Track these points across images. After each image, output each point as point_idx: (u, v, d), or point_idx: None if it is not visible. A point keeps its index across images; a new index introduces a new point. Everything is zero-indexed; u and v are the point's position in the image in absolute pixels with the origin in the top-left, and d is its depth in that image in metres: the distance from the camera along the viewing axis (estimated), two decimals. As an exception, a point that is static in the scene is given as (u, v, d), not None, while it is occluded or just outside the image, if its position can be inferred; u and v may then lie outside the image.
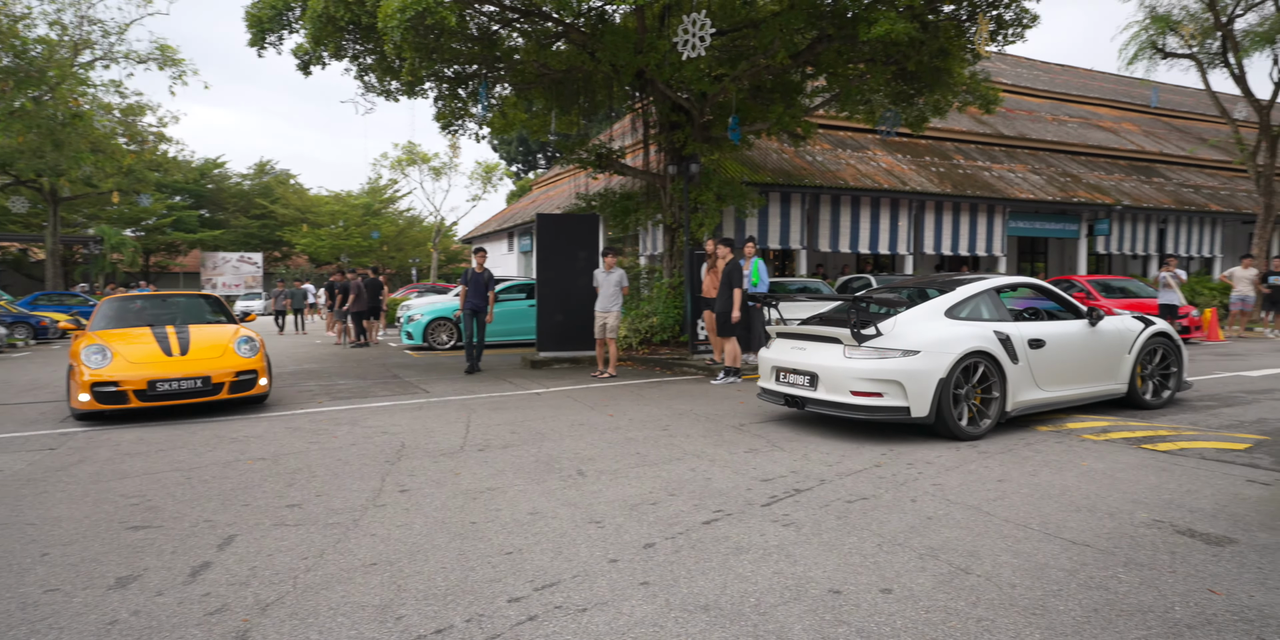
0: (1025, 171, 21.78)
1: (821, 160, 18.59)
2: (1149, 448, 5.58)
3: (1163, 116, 30.01)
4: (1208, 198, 23.64)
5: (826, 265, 21.26)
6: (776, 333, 6.95)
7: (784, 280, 14.28)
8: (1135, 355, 7.12)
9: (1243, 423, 6.45)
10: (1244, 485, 4.58)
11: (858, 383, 5.84)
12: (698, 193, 12.38)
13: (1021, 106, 26.42)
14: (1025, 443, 5.78)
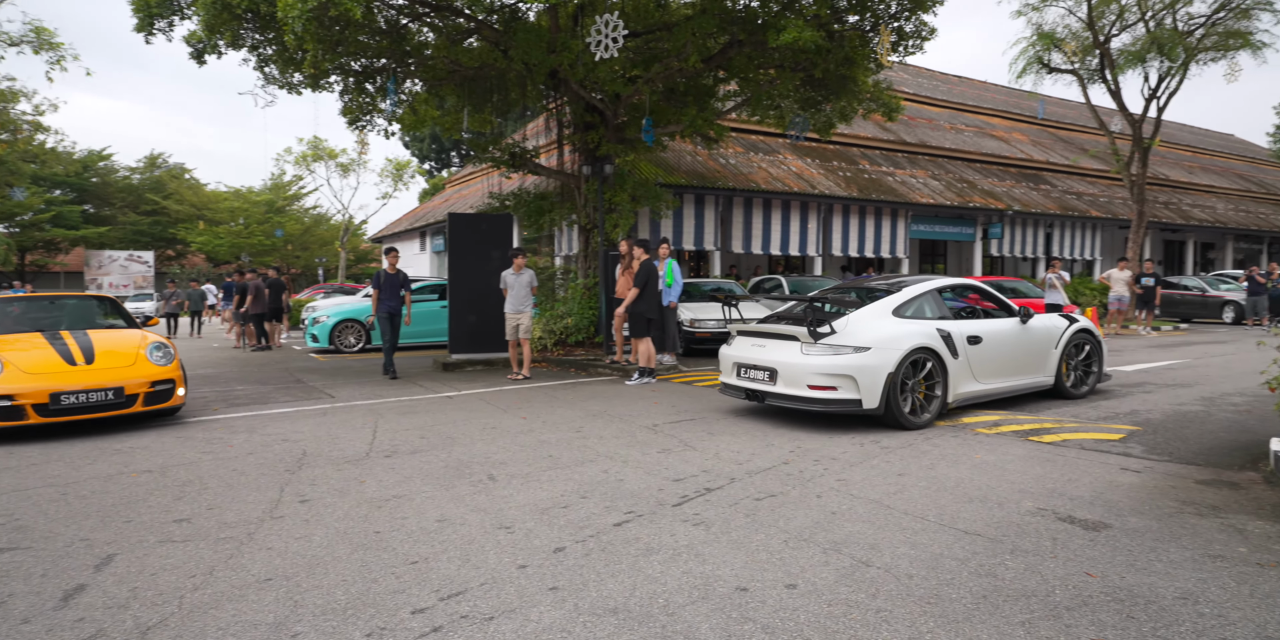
0: (926, 177, 22.73)
1: (734, 163, 18.88)
2: (1035, 440, 5.89)
3: (1049, 128, 31.91)
4: (1089, 204, 25.27)
5: (740, 266, 21.61)
6: (737, 331, 7.23)
7: (698, 281, 14.39)
8: (1061, 350, 7.68)
9: (1118, 414, 6.90)
10: (1118, 473, 4.90)
11: (814, 377, 6.23)
12: (612, 193, 12.38)
13: (922, 115, 27.57)
14: (924, 437, 6.02)
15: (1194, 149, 36.80)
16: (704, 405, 7.64)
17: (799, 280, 15.48)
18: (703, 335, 11.92)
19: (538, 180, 15.46)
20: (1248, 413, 6.93)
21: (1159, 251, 29.58)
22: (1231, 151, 39.90)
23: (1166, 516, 3.99)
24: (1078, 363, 7.90)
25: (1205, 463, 5.15)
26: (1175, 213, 27.19)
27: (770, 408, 7.36)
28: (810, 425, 6.53)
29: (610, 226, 12.34)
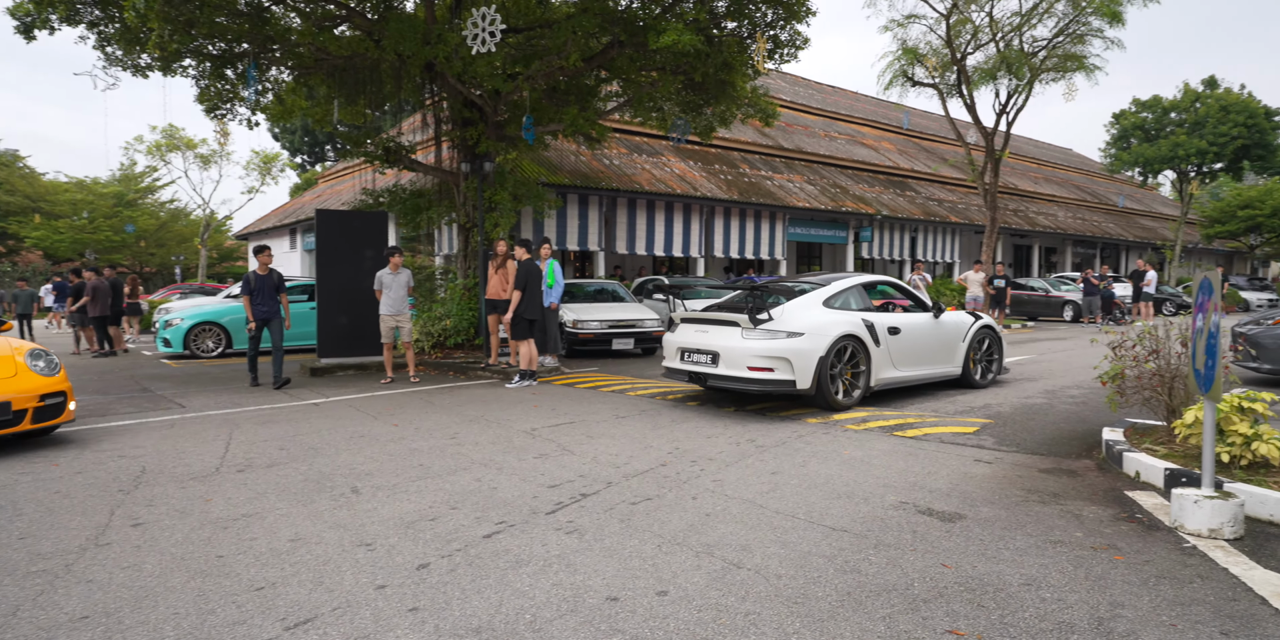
0: (802, 182, 23.55)
1: (618, 164, 18.89)
2: (900, 435, 6.15)
3: (914, 138, 33.86)
4: (949, 210, 26.96)
5: (624, 266, 21.67)
6: (681, 319, 7.72)
7: (582, 282, 14.27)
8: (968, 343, 8.42)
9: (973, 409, 7.33)
10: (972, 465, 5.17)
11: (753, 359, 6.78)
12: (492, 192, 12.09)
13: (799, 122, 28.58)
14: (798, 435, 6.16)
15: (1039, 161, 40.05)
16: (585, 408, 7.55)
17: (682, 281, 15.63)
18: (586, 336, 11.83)
19: (415, 177, 14.91)
20: (1084, 404, 7.51)
21: (1009, 255, 31.97)
22: (1070, 164, 43.71)
23: (1014, 505, 4.23)
24: (981, 355, 8.65)
25: (1048, 452, 5.52)
26: (1023, 220, 29.45)
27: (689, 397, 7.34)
28: (690, 426, 6.56)
29: (490, 226, 12.04)
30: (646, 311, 12.60)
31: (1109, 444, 5.19)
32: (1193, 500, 3.66)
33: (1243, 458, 4.25)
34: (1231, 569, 3.29)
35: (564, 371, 10.28)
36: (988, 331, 8.71)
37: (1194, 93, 28.73)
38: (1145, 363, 5.31)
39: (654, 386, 8.93)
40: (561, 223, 16.98)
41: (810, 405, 7.12)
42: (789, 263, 24.58)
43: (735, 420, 6.81)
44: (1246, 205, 32.58)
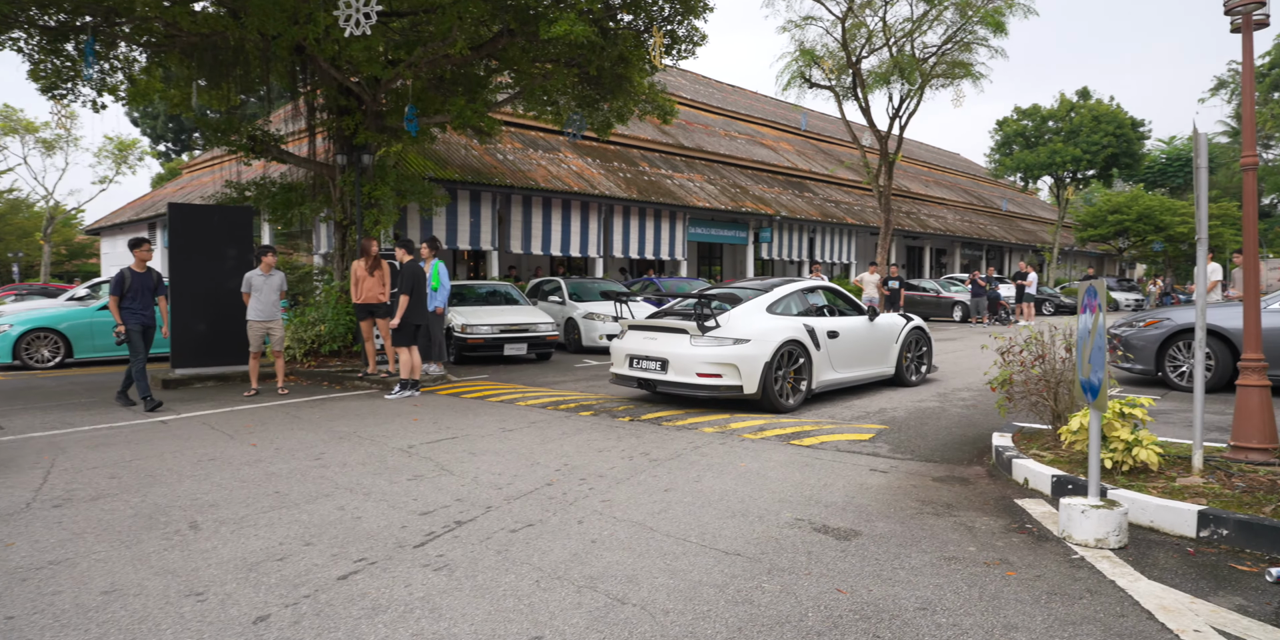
0: (702, 181, 23.73)
1: (513, 159, 18.48)
2: (796, 443, 6.12)
3: (811, 139, 34.83)
4: (845, 212, 27.83)
5: (520, 267, 21.25)
6: (629, 326, 8.04)
7: (472, 283, 13.88)
8: (900, 344, 9.04)
9: (868, 413, 7.42)
10: (868, 475, 5.16)
11: (702, 366, 7.20)
12: (372, 187, 11.48)
13: (699, 120, 28.83)
14: (694, 446, 6.03)
15: (929, 165, 42.04)
16: (470, 421, 7.20)
17: (579, 282, 15.43)
18: (475, 342, 11.44)
19: (286, 169, 14.03)
20: (974, 408, 7.74)
21: (902, 256, 33.35)
22: (958, 168, 46.12)
23: (908, 519, 4.20)
24: (913, 356, 9.27)
25: (941, 459, 5.59)
26: (915, 222, 30.77)
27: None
28: (582, 439, 6.33)
29: (370, 223, 11.43)
30: (541, 315, 12.33)
31: (999, 450, 5.28)
32: (1080, 510, 3.71)
33: (1124, 463, 4.37)
34: (1119, 581, 3.33)
35: (450, 380, 9.90)
36: (918, 332, 9.36)
37: (1069, 103, 30.81)
38: (1032, 368, 5.45)
39: (547, 395, 8.66)
40: (452, 220, 16.47)
41: (755, 409, 7.55)
42: (689, 263, 24.73)
43: (630, 431, 6.63)
44: (1115, 210, 35.24)
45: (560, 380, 10.22)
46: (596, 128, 14.06)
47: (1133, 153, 30.09)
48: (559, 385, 9.72)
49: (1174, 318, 8.56)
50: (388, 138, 11.84)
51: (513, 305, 13.04)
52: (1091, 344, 3.77)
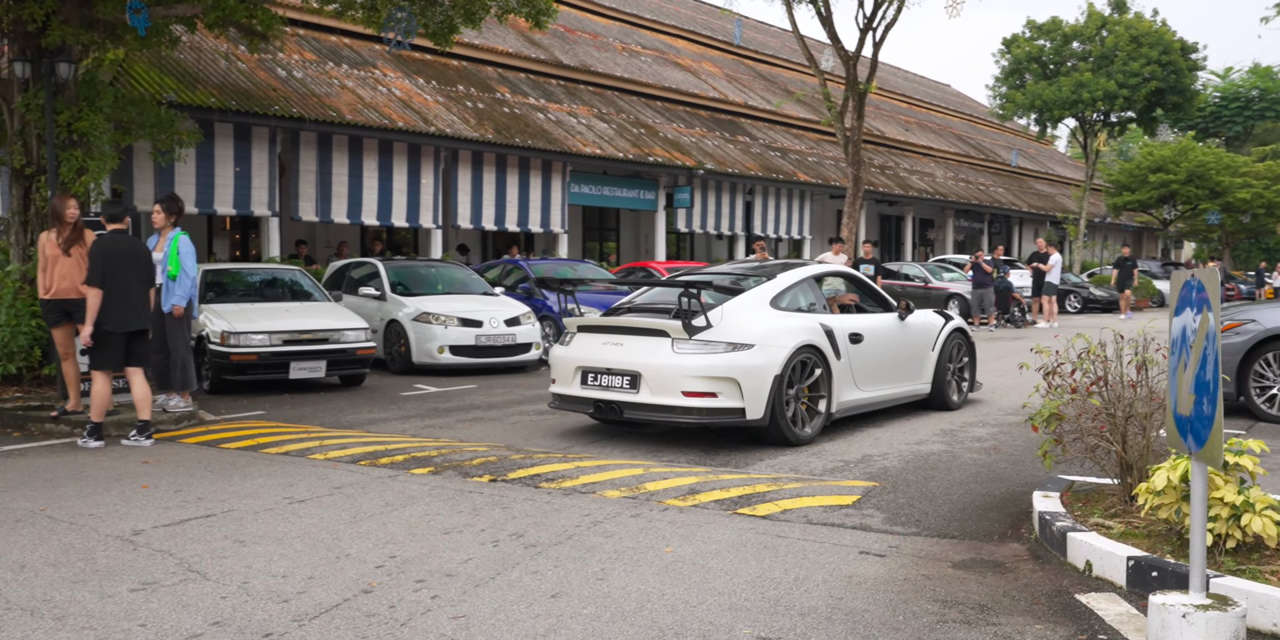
0: (590, 116, 23.59)
1: (302, 77, 17.97)
2: (746, 512, 5.96)
3: (747, 59, 35.33)
4: (796, 165, 28.31)
5: (313, 243, 20.57)
6: (578, 326, 8.25)
7: (239, 268, 13.52)
8: (939, 352, 9.46)
9: (848, 463, 7.37)
10: (858, 561, 5.02)
11: (690, 382, 7.32)
12: (73, 114, 10.77)
13: (585, 27, 28.70)
14: (592, 520, 5.77)
15: (911, 100, 43.51)
16: (236, 487, 6.75)
17: (407, 267, 15.06)
18: (244, 359, 11.03)
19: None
20: (995, 451, 7.82)
21: (874, 229, 34.29)
22: (950, 107, 48.01)
23: (926, 632, 4.06)
24: (954, 368, 9.78)
25: (960, 532, 5.53)
26: (892, 180, 31.69)
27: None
28: (417, 512, 5.97)
29: (71, 171, 10.70)
30: (347, 317, 12.00)
31: (1044, 519, 5.25)
32: (1180, 613, 3.64)
33: (1228, 537, 4.37)
34: (1244, 723, 3.26)
35: (204, 420, 9.46)
36: (960, 336, 9.88)
37: (1100, 16, 32.46)
38: (1089, 396, 5.45)
39: (360, 443, 8.25)
40: (206, 170, 15.89)
41: (758, 441, 7.84)
42: (572, 238, 24.53)
43: (493, 499, 6.33)
44: (1159, 168, 37.41)
45: (380, 417, 9.83)
46: (433, 32, 13.71)
47: (1183, 88, 31.96)
48: (378, 425, 9.32)
49: (1261, 319, 8.92)
50: (100, 38, 11.21)
51: (303, 302, 12.64)
52: (1194, 362, 3.70)
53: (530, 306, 14.54)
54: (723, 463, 7.45)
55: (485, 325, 13.30)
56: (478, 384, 12.49)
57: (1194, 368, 3.73)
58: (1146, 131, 38.39)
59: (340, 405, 10.61)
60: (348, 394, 11.53)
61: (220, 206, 16.16)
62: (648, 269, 19.00)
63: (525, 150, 20.08)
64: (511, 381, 12.83)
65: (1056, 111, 32.50)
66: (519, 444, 8.30)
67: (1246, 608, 3.80)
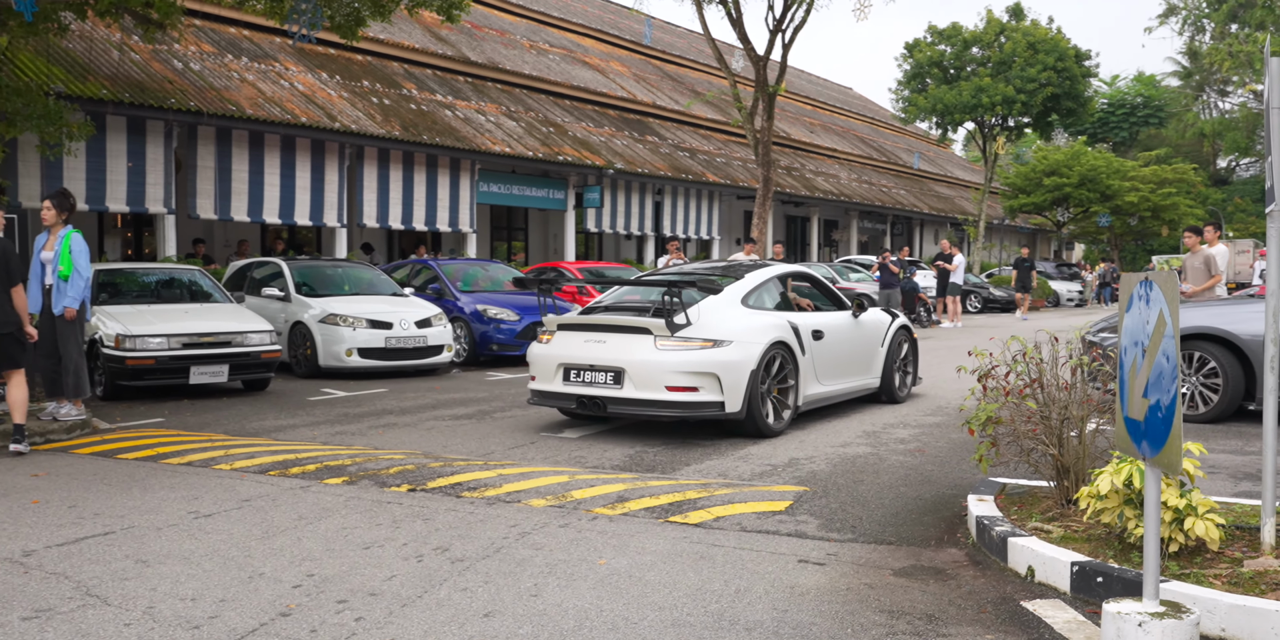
0: (499, 114, 23.27)
1: (200, 70, 17.46)
2: (679, 520, 5.80)
3: (654, 59, 35.27)
4: (705, 165, 28.34)
5: (211, 242, 19.88)
6: (559, 324, 8.54)
7: (135, 268, 13.04)
8: (887, 348, 10.08)
9: (775, 468, 7.26)
10: (798, 571, 4.89)
11: (673, 377, 7.75)
12: (-47, 105, 10.13)
13: (492, 24, 28.34)
14: (520, 532, 5.55)
15: (814, 102, 44.00)
16: (137, 501, 6.38)
17: (312, 267, 14.68)
18: (140, 363, 10.60)
19: None
20: (920, 453, 7.81)
21: (781, 230, 34.54)
22: (851, 109, 48.65)
23: (876, 644, 3.94)
24: (900, 362, 10.39)
25: (897, 538, 5.45)
26: (799, 181, 31.96)
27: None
28: (334, 525, 5.67)
29: (-49, 166, 10.06)
30: (250, 319, 11.64)
31: (981, 523, 5.20)
32: (1135, 622, 3.58)
33: (1171, 540, 4.35)
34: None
35: (99, 428, 9.04)
36: (905, 333, 10.56)
37: (999, 23, 33.24)
38: (1023, 398, 5.42)
39: (269, 451, 7.89)
40: (97, 165, 15.37)
41: (733, 434, 8.34)
42: (480, 238, 24.15)
43: (414, 510, 6.07)
44: (1053, 172, 38.48)
45: (288, 424, 9.49)
46: (339, 25, 13.41)
47: (1078, 94, 32.91)
48: (286, 433, 8.97)
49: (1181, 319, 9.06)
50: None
51: (203, 303, 12.24)
52: (1149, 364, 3.64)
53: (441, 307, 14.20)
54: (649, 468, 7.31)
55: (395, 327, 12.95)
56: (388, 388, 12.13)
57: (1147, 370, 3.67)
58: (1042, 136, 39.43)
59: (245, 411, 10.20)
60: (252, 399, 11.11)
61: (113, 203, 15.56)
62: (559, 269, 18.77)
63: (433, 148, 19.68)
64: (424, 385, 12.48)
65: (957, 115, 33.16)
66: (436, 451, 8.03)
67: (1199, 614, 3.76)
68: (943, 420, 9.45)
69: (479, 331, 14.60)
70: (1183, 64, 66.17)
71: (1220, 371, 8.83)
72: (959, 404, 10.49)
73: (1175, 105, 66.77)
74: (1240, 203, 62.09)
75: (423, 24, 24.96)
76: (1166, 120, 65.04)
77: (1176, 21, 60.58)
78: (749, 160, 30.79)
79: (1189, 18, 59.76)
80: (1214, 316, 9.06)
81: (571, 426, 9.14)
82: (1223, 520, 4.37)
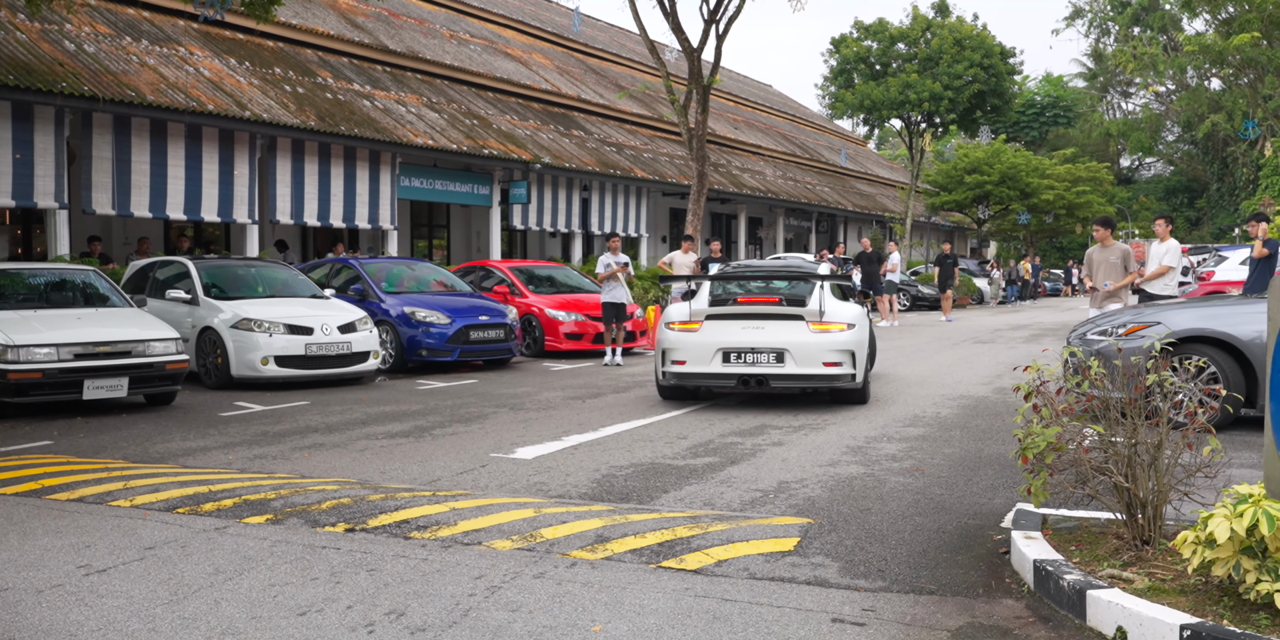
0: (420, 105, 22.21)
1: (95, 52, 16.25)
2: (674, 565, 4.96)
3: (577, 52, 34.36)
4: (632, 161, 27.55)
5: (109, 239, 18.59)
6: (706, 315, 9.89)
7: (20, 269, 12.00)
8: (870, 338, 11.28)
9: (765, 494, 6.46)
10: (835, 634, 4.06)
11: (828, 354, 9.46)
12: None
13: (410, 13, 27.25)
14: (488, 586, 4.62)
15: (737, 99, 43.47)
16: (15, 551, 5.37)
17: (222, 266, 13.76)
18: (25, 377, 9.57)
19: None
20: (920, 472, 7.08)
21: (708, 227, 33.87)
22: (773, 106, 48.28)
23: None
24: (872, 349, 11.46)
25: (936, 585, 4.66)
26: (726, 178, 31.34)
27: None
28: (258, 579, 4.68)
29: None
30: (154, 325, 10.66)
31: (1044, 570, 4.41)
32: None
33: (1291, 595, 3.59)
34: None
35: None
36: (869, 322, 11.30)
37: (925, 19, 33.08)
38: (1079, 418, 4.64)
39: (177, 482, 6.85)
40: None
41: (850, 401, 10.25)
42: (402, 234, 23.00)
43: (353, 556, 5.15)
44: (974, 169, 38.52)
45: (198, 446, 8.40)
46: (249, 3, 12.46)
47: (1003, 91, 32.94)
48: (197, 457, 7.91)
49: (1166, 322, 8.52)
50: None
51: (98, 307, 11.19)
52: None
53: (366, 310, 13.11)
54: (623, 497, 6.44)
55: (316, 332, 11.90)
56: (310, 400, 11.03)
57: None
58: (969, 133, 39.49)
59: (148, 431, 9.07)
60: (156, 416, 9.98)
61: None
62: (488, 268, 17.78)
63: (351, 139, 18.56)
64: (350, 396, 11.41)
65: (884, 111, 32.94)
66: (374, 478, 7.04)
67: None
68: (926, 432, 8.75)
69: (407, 336, 13.54)
70: (1088, 66, 67.58)
71: (1221, 376, 8.27)
72: (935, 413, 9.93)
73: (1082, 105, 68.10)
74: (1145, 201, 63.56)
75: (338, 10, 23.74)
76: (1074, 120, 66.28)
77: (1083, 24, 61.86)
78: (676, 156, 30.08)
79: (1094, 20, 61.00)
80: (1211, 318, 8.55)
81: (524, 445, 8.22)
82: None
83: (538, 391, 11.82)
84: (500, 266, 17.46)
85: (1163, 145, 66.00)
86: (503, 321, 14.33)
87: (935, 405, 10.34)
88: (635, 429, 9.03)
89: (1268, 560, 3.70)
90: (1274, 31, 27.88)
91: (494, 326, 14.16)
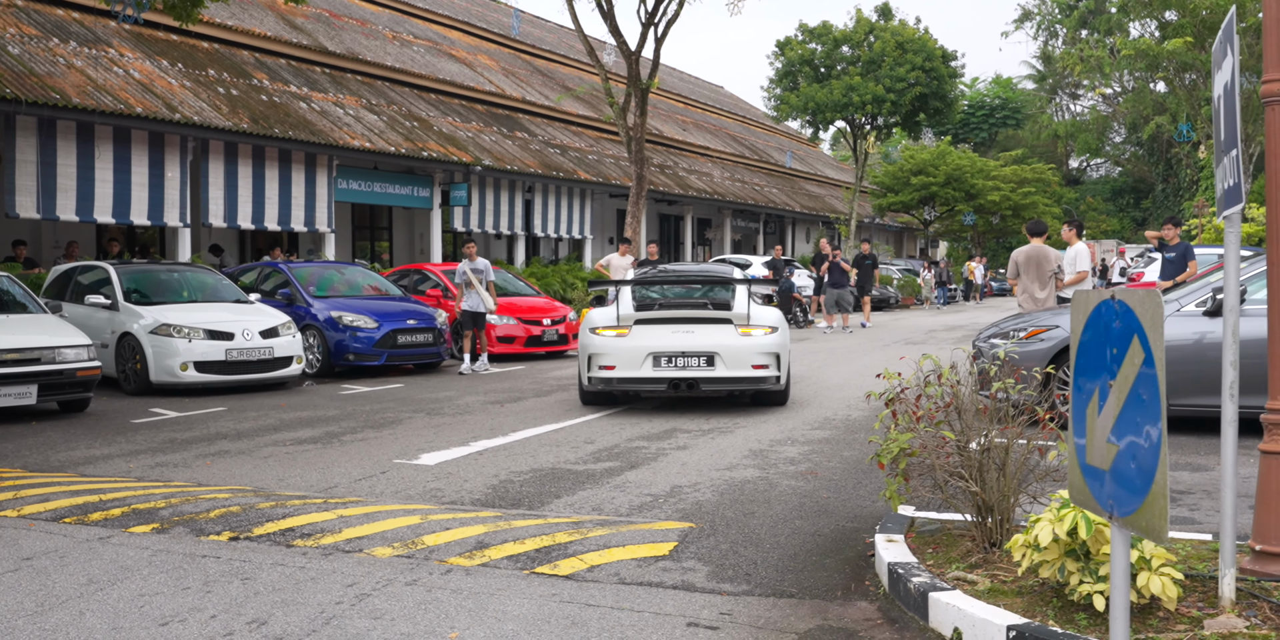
0: (359, 107, 22.08)
1: (20, 54, 16.02)
2: (546, 571, 5.01)
3: (523, 53, 34.30)
4: (576, 162, 27.56)
5: (38, 243, 18.28)
6: (635, 320, 9.90)
7: None
8: None
9: (656, 498, 6.51)
10: (686, 637, 4.13)
11: (757, 357, 9.64)
12: None
13: (351, 13, 27.06)
14: (358, 594, 4.65)
15: (686, 100, 43.61)
16: None
17: (144, 272, 13.60)
18: None
19: None
20: (813, 475, 7.16)
21: (654, 229, 33.96)
22: (723, 107, 48.47)
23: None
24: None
25: (798, 588, 4.74)
26: (672, 179, 31.43)
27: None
28: (130, 590, 4.71)
29: None
30: (66, 330, 10.46)
31: (895, 572, 4.52)
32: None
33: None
34: None
35: None
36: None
37: (868, 22, 33.34)
38: (936, 424, 4.76)
39: (69, 492, 6.78)
40: None
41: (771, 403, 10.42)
42: (341, 238, 22.85)
43: (232, 566, 5.14)
44: (920, 171, 38.92)
45: (101, 454, 8.33)
46: (172, 5, 12.37)
47: (944, 94, 33.27)
48: (98, 465, 7.84)
49: (1065, 325, 8.66)
50: None
51: (8, 314, 10.86)
52: (1118, 402, 2.96)
53: (292, 315, 13.04)
54: (514, 503, 6.48)
55: (237, 337, 11.80)
56: (228, 406, 10.95)
57: (1116, 408, 2.99)
58: (911, 135, 39.86)
59: (54, 439, 8.96)
60: (66, 423, 9.86)
61: (-86, 201, 13.90)
62: (423, 271, 17.73)
63: (286, 142, 18.41)
64: (269, 402, 11.33)
65: (828, 114, 33.15)
66: (270, 486, 7.02)
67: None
68: (831, 435, 8.86)
69: (334, 340, 13.49)
70: (1037, 67, 68.38)
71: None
72: (846, 415, 10.04)
73: (1031, 107, 68.89)
74: (1092, 201, 64.44)
75: (275, 10, 23.53)
76: (1023, 122, 67.01)
77: (1031, 26, 62.69)
78: (621, 158, 30.11)
79: (1043, 23, 61.83)
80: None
81: (430, 451, 8.24)
82: (1179, 574, 3.76)
83: (460, 396, 11.82)
84: (434, 270, 17.41)
85: (1110, 146, 66.95)
86: (431, 325, 14.31)
87: (849, 408, 10.44)
88: (545, 433, 9.07)
89: (1090, 562, 3.83)
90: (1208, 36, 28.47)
91: (422, 330, 14.14)
